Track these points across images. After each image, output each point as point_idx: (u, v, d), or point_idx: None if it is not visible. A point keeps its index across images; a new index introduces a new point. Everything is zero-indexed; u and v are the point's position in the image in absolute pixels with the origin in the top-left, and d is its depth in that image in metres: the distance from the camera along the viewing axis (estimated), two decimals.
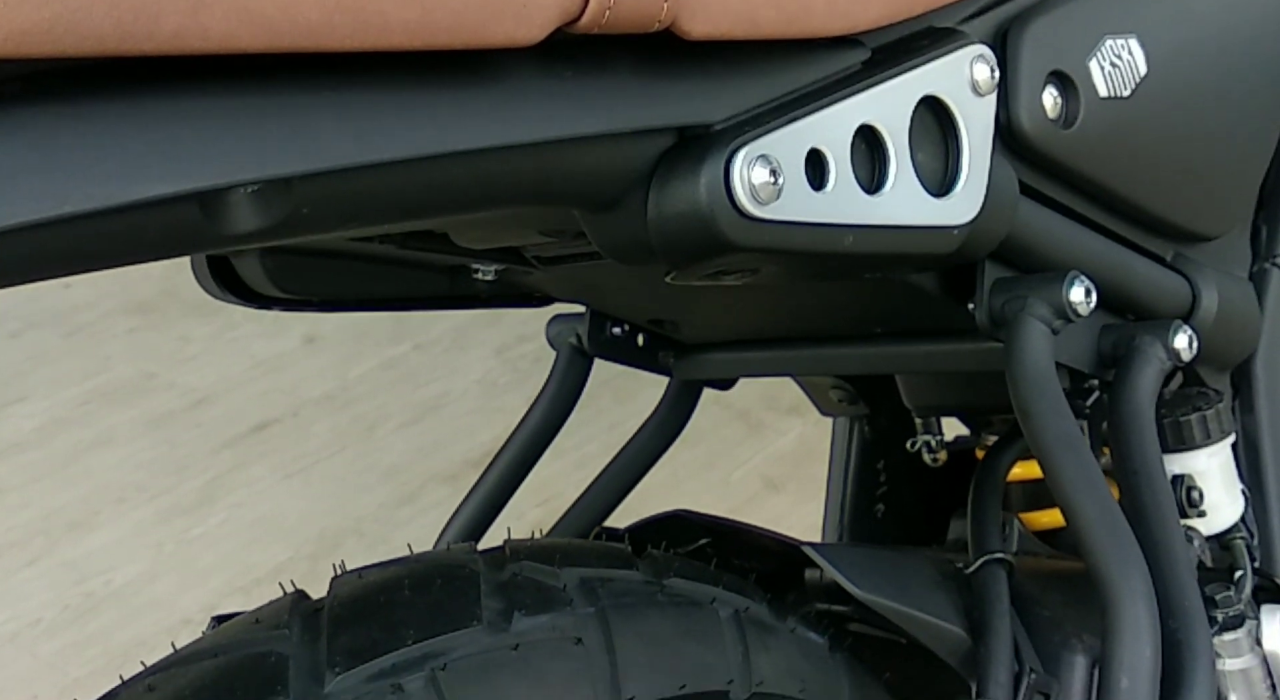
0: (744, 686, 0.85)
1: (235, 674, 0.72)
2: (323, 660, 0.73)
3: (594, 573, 0.85)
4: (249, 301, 0.96)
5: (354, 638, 0.74)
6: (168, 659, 0.76)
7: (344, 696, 0.71)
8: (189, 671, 0.73)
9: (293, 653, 0.73)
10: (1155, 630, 0.83)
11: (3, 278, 0.53)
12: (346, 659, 0.73)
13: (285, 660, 0.73)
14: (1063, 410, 0.88)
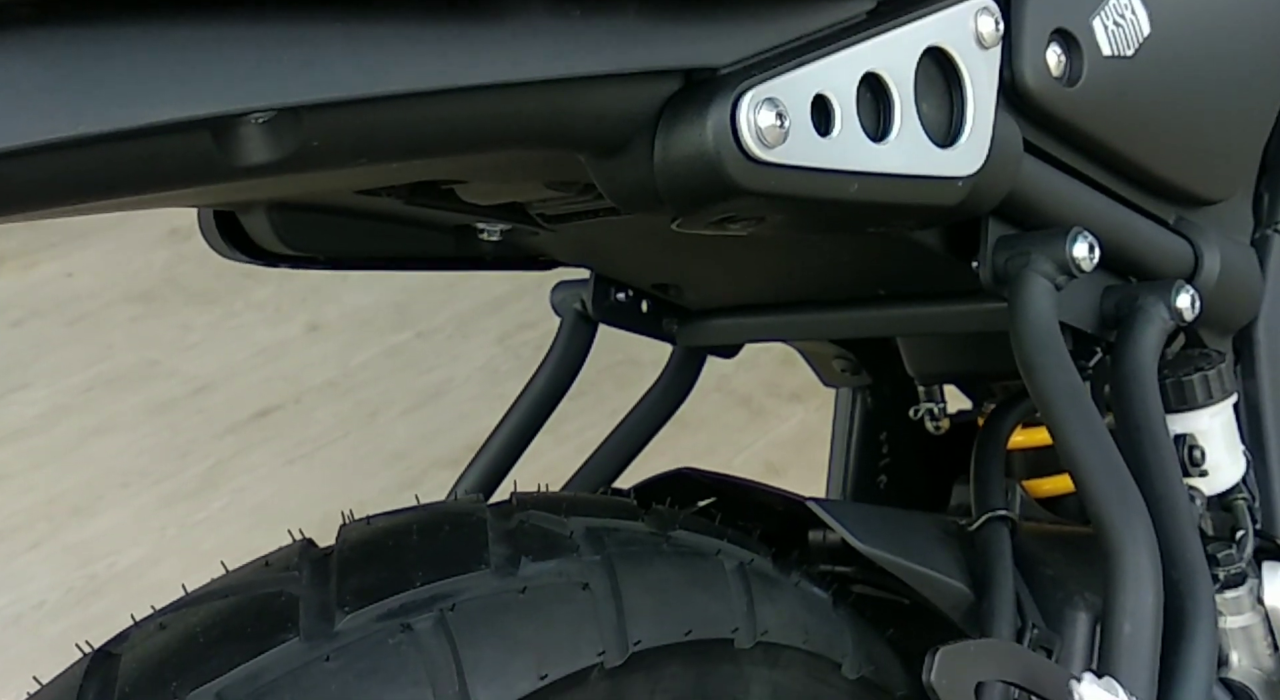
0: (749, 635, 0.85)
1: (245, 613, 0.73)
2: (332, 600, 0.73)
3: (600, 523, 0.85)
4: (256, 258, 0.97)
5: (363, 579, 0.75)
6: (178, 600, 0.76)
7: (354, 635, 0.71)
8: (200, 611, 0.74)
9: (302, 593, 0.74)
10: (1158, 578, 0.83)
11: (19, 202, 0.53)
12: (356, 599, 0.73)
13: (295, 600, 0.73)
14: (1066, 364, 0.89)
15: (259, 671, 0.69)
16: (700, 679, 0.83)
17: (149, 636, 0.73)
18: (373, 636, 0.72)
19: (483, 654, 0.73)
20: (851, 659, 0.92)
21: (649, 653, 0.80)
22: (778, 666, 0.87)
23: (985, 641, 0.85)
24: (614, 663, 0.78)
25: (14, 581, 2.55)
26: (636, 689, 0.80)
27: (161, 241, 3.98)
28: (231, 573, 0.79)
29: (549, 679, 0.75)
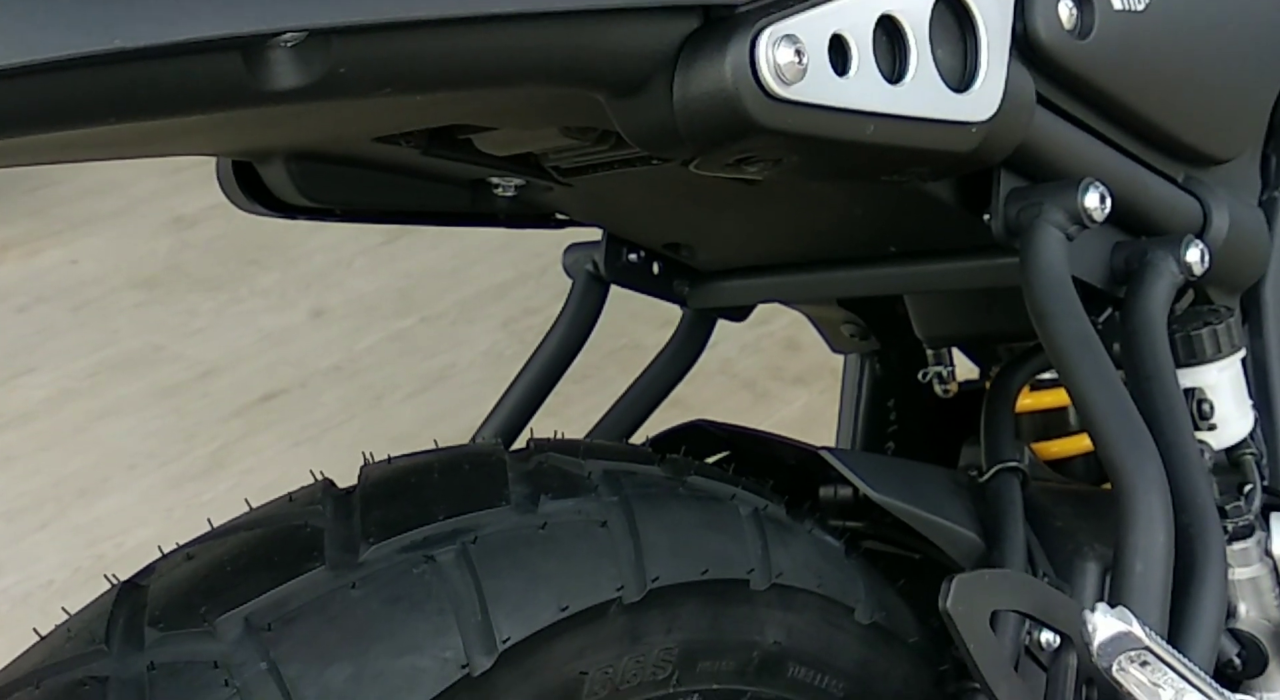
0: (764, 577, 0.86)
1: (271, 543, 0.74)
2: (356, 532, 0.74)
3: (617, 466, 0.86)
4: (274, 210, 0.97)
5: (386, 513, 0.76)
6: (204, 534, 0.77)
7: (378, 565, 0.73)
8: (226, 542, 0.75)
9: (327, 526, 0.75)
10: (1169, 519, 0.84)
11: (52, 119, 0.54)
12: (380, 531, 0.74)
13: (320, 532, 0.74)
14: (1077, 312, 0.90)
15: (286, 597, 0.70)
16: (716, 619, 0.84)
17: (176, 566, 0.74)
18: (397, 566, 0.73)
19: (504, 585, 0.74)
20: (864, 605, 0.93)
21: (666, 590, 0.81)
22: (792, 609, 0.88)
23: (1000, 572, 0.86)
24: (632, 598, 0.79)
25: (22, 561, 2.56)
26: (654, 625, 0.81)
27: (165, 229, 4.00)
28: (255, 509, 0.80)
29: (569, 610, 0.76)
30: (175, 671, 0.67)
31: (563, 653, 0.76)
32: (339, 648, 0.69)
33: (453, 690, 0.71)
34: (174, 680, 0.66)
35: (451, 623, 0.72)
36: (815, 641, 0.90)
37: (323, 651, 0.68)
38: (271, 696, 0.66)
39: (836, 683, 0.92)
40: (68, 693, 0.67)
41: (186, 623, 0.69)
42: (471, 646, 0.71)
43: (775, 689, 0.89)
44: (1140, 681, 0.74)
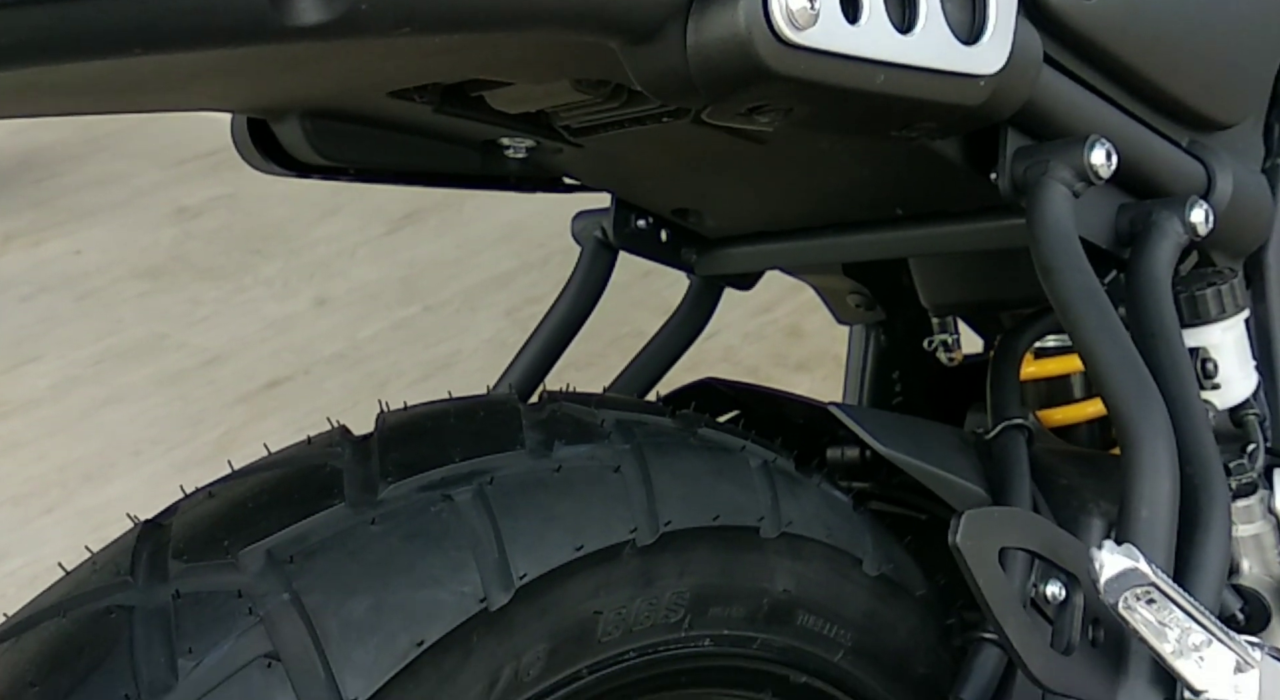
0: (773, 525, 0.87)
1: (291, 483, 0.75)
2: (375, 472, 0.76)
3: (629, 416, 0.88)
4: (289, 169, 0.98)
5: (404, 454, 0.77)
6: (225, 476, 0.79)
7: (397, 503, 0.74)
8: (246, 481, 0.76)
9: (345, 467, 0.76)
10: (1174, 467, 0.85)
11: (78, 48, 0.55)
12: (398, 471, 0.76)
13: (338, 472, 0.76)
14: (1083, 266, 0.91)
15: (307, 532, 0.72)
16: (727, 565, 0.86)
17: (198, 505, 0.76)
18: (415, 505, 0.74)
19: (521, 524, 0.75)
20: (872, 557, 0.94)
21: (678, 534, 0.82)
22: (801, 558, 0.90)
23: (1009, 510, 0.87)
24: (645, 541, 0.80)
25: (29, 544, 2.58)
26: (666, 569, 0.82)
27: (168, 219, 4.01)
28: (274, 453, 0.81)
29: (584, 550, 0.77)
30: (200, 600, 0.68)
31: (578, 592, 0.78)
32: (360, 580, 0.70)
33: (471, 623, 0.72)
34: (199, 608, 0.67)
35: (469, 559, 0.73)
36: (824, 591, 0.91)
37: (344, 583, 0.70)
38: (294, 625, 0.68)
39: (844, 632, 0.93)
40: (94, 621, 0.69)
41: (210, 555, 0.70)
42: (489, 582, 0.73)
43: (784, 636, 0.90)
44: (1147, 620, 0.75)
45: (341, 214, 3.94)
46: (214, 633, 0.67)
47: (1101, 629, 0.79)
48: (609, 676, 0.81)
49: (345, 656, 0.68)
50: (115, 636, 0.67)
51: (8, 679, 0.68)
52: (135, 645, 0.66)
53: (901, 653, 0.96)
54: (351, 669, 0.68)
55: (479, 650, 0.73)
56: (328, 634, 0.68)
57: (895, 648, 0.96)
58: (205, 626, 0.67)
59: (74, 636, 0.69)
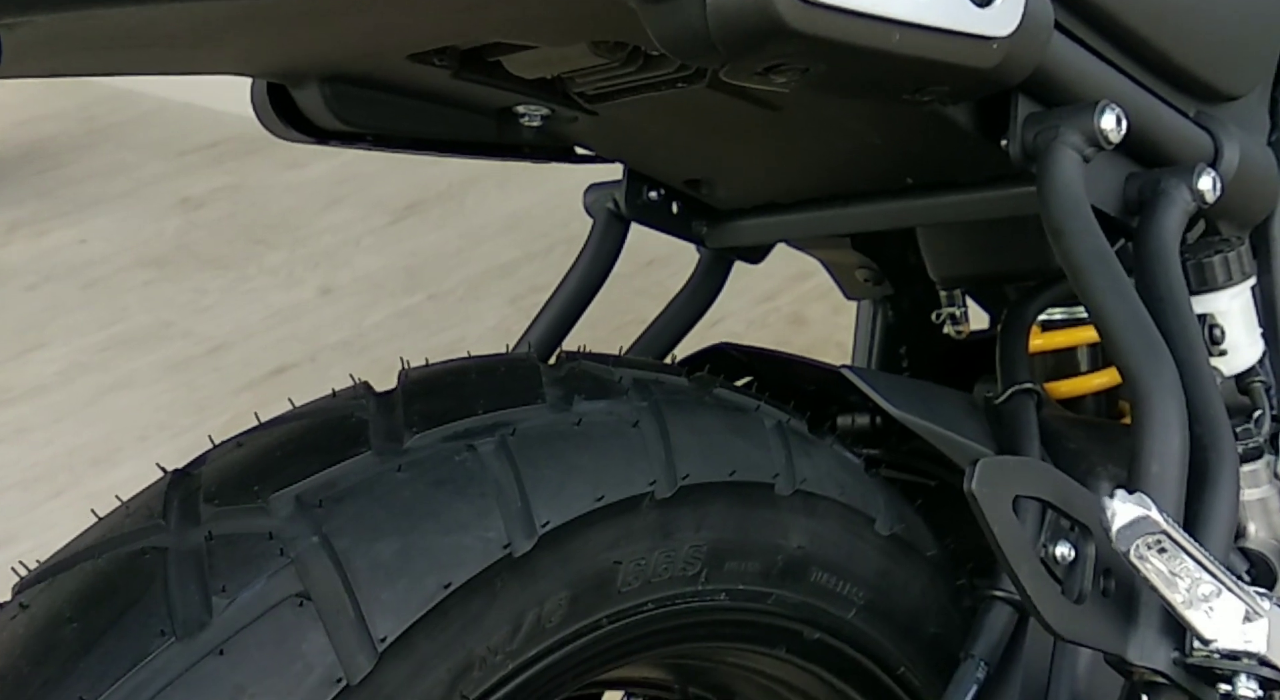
0: (788, 482, 0.89)
1: (318, 433, 0.77)
2: (400, 422, 0.77)
3: (646, 375, 0.89)
4: (308, 135, 1.00)
5: (427, 405, 0.79)
6: (252, 427, 0.80)
7: (422, 451, 0.75)
8: (274, 432, 0.78)
9: (370, 418, 0.78)
10: (1184, 423, 0.86)
11: None
12: (422, 421, 0.77)
13: (364, 423, 0.77)
14: (1093, 229, 0.92)
15: (335, 479, 0.73)
16: (742, 520, 0.87)
17: (227, 453, 0.77)
18: (440, 453, 0.75)
19: (542, 474, 0.77)
20: (884, 516, 0.95)
21: (696, 489, 0.84)
22: (815, 516, 0.91)
23: (1023, 459, 0.88)
24: (664, 494, 0.82)
25: (36, 528, 2.59)
26: (684, 522, 0.84)
27: (172, 210, 4.02)
28: (299, 406, 0.82)
29: (605, 500, 0.78)
30: (232, 542, 0.69)
31: (598, 541, 0.79)
32: (387, 524, 0.71)
33: (495, 568, 0.74)
34: (231, 550, 0.69)
35: (493, 506, 0.74)
36: (837, 549, 0.93)
37: (372, 527, 0.71)
38: (324, 566, 0.69)
39: (857, 591, 0.94)
40: (129, 561, 0.70)
41: (240, 500, 0.72)
42: (513, 528, 0.74)
43: (798, 593, 0.91)
44: (1159, 570, 0.77)
45: (344, 204, 3.95)
46: (246, 573, 0.68)
47: (1113, 580, 0.81)
48: (628, 627, 0.82)
49: (374, 597, 0.69)
50: (150, 576, 0.69)
51: (45, 616, 0.69)
52: (170, 584, 0.68)
53: (913, 612, 0.98)
54: (381, 609, 0.69)
55: (503, 595, 0.75)
56: (357, 575, 0.69)
57: (907, 607, 0.97)
58: (237, 566, 0.69)
59: (109, 576, 0.70)
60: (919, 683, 0.99)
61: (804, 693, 0.98)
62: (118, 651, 0.66)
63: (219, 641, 0.66)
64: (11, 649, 0.68)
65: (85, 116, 4.75)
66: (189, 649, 0.66)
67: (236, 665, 0.66)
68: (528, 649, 0.76)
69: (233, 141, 4.42)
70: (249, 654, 0.67)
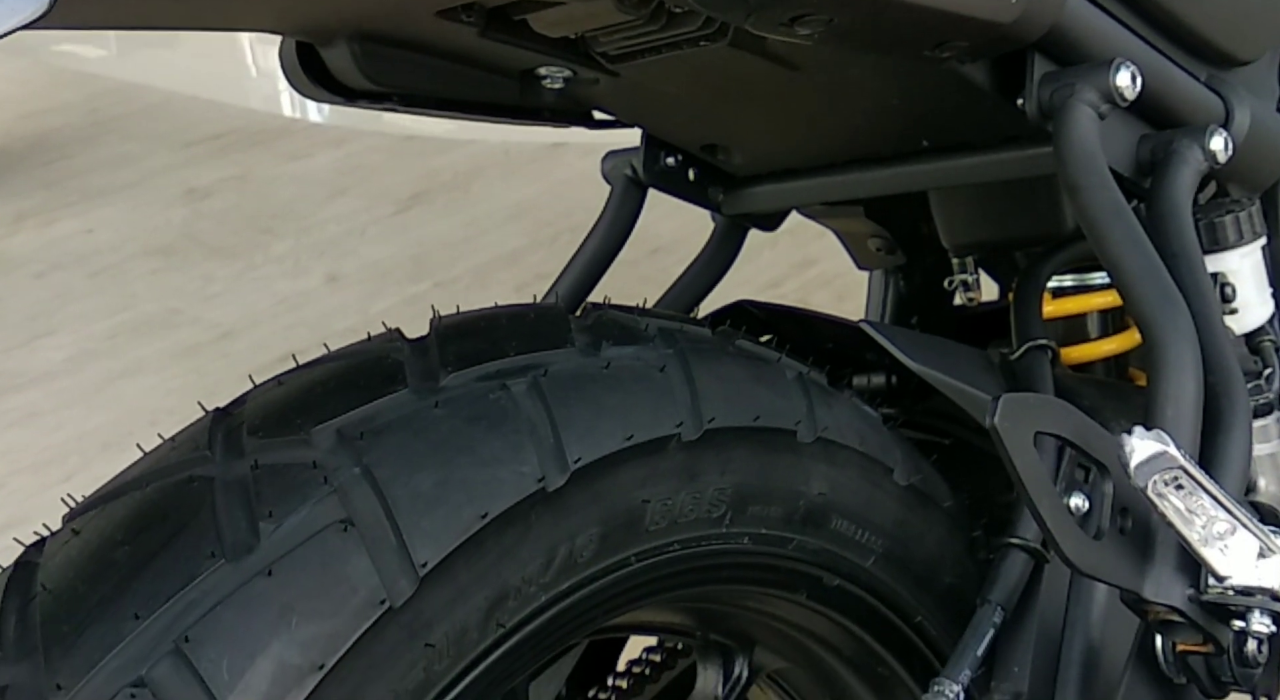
0: (809, 430, 0.91)
1: (356, 372, 0.79)
2: (435, 363, 0.79)
3: (671, 324, 0.91)
4: (336, 95, 1.02)
5: (461, 348, 0.81)
6: (291, 369, 0.82)
7: (457, 390, 0.77)
8: (313, 371, 0.80)
9: (406, 359, 0.80)
10: (1198, 369, 0.88)
11: None
12: (457, 362, 0.79)
13: (400, 363, 0.79)
14: (1109, 183, 0.94)
15: (374, 414, 0.75)
16: (765, 466, 0.89)
17: (268, 392, 0.80)
18: (474, 392, 0.78)
19: (574, 413, 0.79)
20: (902, 467, 0.97)
21: (721, 432, 0.86)
22: (835, 464, 0.93)
23: (1045, 397, 0.90)
24: (690, 436, 0.84)
25: (47, 511, 2.58)
26: (709, 465, 0.86)
27: (178, 200, 4.04)
28: (333, 351, 0.84)
29: (634, 440, 0.80)
30: (276, 471, 0.71)
31: (628, 480, 0.81)
32: (426, 457, 0.74)
33: (529, 501, 0.76)
34: (276, 478, 0.71)
35: (527, 442, 0.76)
36: (856, 497, 0.95)
37: (411, 459, 0.73)
38: (365, 495, 0.71)
39: (875, 539, 0.96)
40: (177, 489, 0.72)
41: (283, 432, 0.74)
42: (546, 464, 0.76)
43: (819, 539, 0.93)
44: (1177, 508, 0.78)
45: (349, 195, 3.97)
46: (291, 500, 0.71)
47: (1129, 519, 0.83)
48: (655, 566, 0.84)
49: (415, 524, 0.71)
50: (198, 503, 0.71)
51: (98, 540, 0.71)
52: (218, 510, 0.70)
53: (929, 562, 1.00)
54: (421, 536, 0.71)
55: (537, 528, 0.77)
56: (398, 503, 0.71)
57: (923, 557, 0.99)
58: (283, 494, 0.71)
59: (158, 503, 0.72)
60: (935, 632, 1.01)
61: (823, 640, 1.00)
62: (169, 572, 0.68)
63: (267, 563, 0.68)
64: (66, 570, 0.71)
65: (90, 109, 4.77)
66: (238, 570, 0.68)
67: (284, 586, 0.68)
68: (560, 582, 0.79)
69: (237, 133, 4.44)
70: (296, 575, 0.69)
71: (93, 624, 0.67)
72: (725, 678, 0.99)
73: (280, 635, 0.67)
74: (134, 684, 0.65)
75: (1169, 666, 0.90)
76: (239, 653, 0.66)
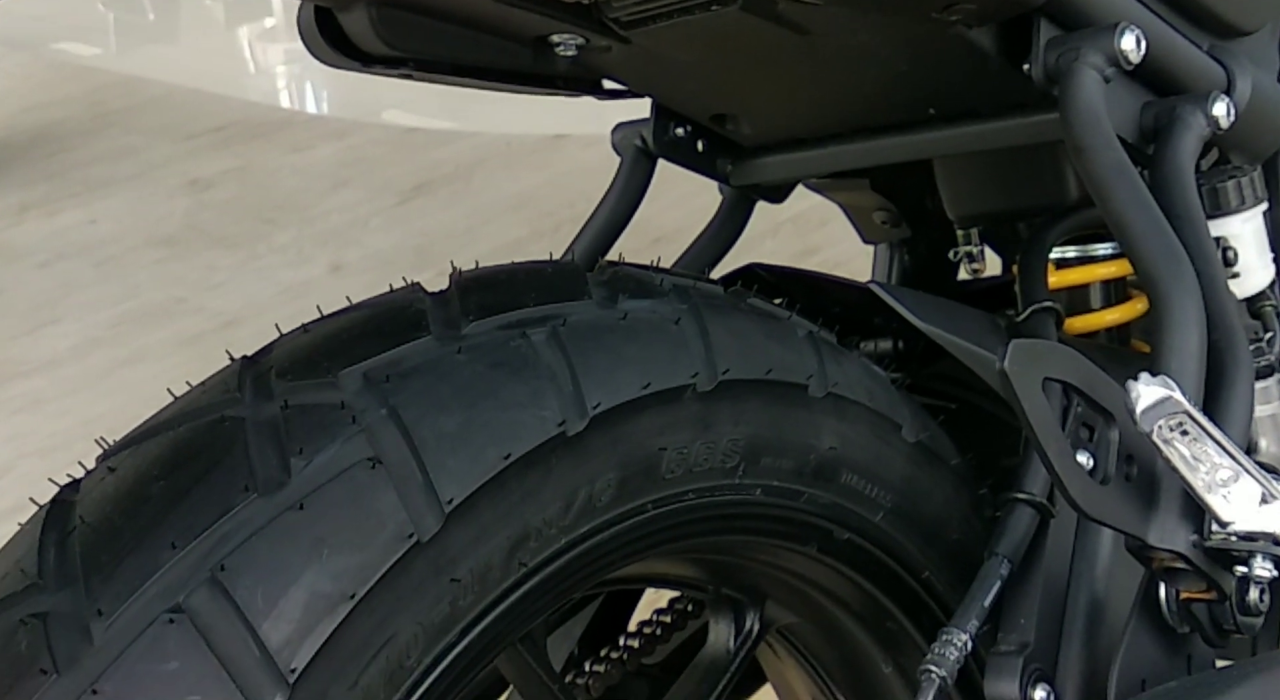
0: (820, 385, 0.93)
1: (380, 320, 0.81)
2: (457, 312, 0.81)
3: (685, 282, 0.93)
4: (353, 60, 1.03)
5: (482, 299, 0.83)
6: (316, 318, 0.84)
7: (479, 337, 0.80)
8: (339, 320, 0.82)
9: (429, 308, 0.82)
10: (1202, 321, 0.90)
11: None
12: (478, 311, 0.82)
13: (423, 312, 0.81)
14: (1113, 143, 0.96)
15: (399, 359, 0.77)
16: (778, 419, 0.91)
17: (294, 339, 0.82)
18: (496, 340, 0.80)
19: (592, 361, 0.81)
20: (910, 424, 0.99)
21: (735, 384, 0.88)
22: (845, 419, 0.95)
23: (1054, 344, 0.92)
24: (705, 387, 0.86)
25: None
26: (723, 416, 0.88)
27: (181, 190, 4.06)
28: (356, 302, 0.86)
29: (651, 388, 0.83)
30: (305, 411, 0.74)
31: (645, 427, 0.83)
32: (450, 400, 0.76)
33: (550, 445, 0.78)
34: (305, 418, 0.73)
35: (548, 388, 0.78)
36: (866, 452, 0.97)
37: (435, 402, 0.75)
38: (392, 435, 0.73)
39: (884, 494, 0.98)
40: (209, 429, 0.74)
41: (311, 375, 0.76)
42: (566, 408, 0.79)
43: (829, 493, 0.95)
44: (1181, 454, 0.80)
45: (351, 186, 3.99)
46: (320, 438, 0.73)
47: (1134, 466, 0.84)
48: (670, 514, 0.86)
49: (441, 463, 0.74)
50: (230, 441, 0.73)
51: (133, 476, 0.73)
52: (249, 448, 0.72)
53: (936, 518, 1.02)
54: (446, 474, 0.74)
55: (557, 471, 0.79)
56: (424, 443, 0.74)
57: (931, 513, 1.01)
58: (312, 432, 0.73)
59: (191, 442, 0.74)
60: (942, 588, 1.03)
61: (832, 594, 1.02)
62: (204, 505, 0.70)
63: (298, 497, 0.71)
64: (103, 504, 0.73)
65: (92, 102, 4.78)
66: (270, 504, 0.70)
67: (316, 519, 0.71)
68: (579, 525, 0.81)
69: (238, 126, 4.45)
70: (327, 509, 0.71)
71: (131, 554, 0.69)
72: (737, 632, 1.01)
73: (312, 565, 0.69)
74: (172, 609, 0.67)
75: (1172, 615, 0.92)
76: (273, 581, 0.69)
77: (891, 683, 1.07)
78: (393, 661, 0.72)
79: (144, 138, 4.50)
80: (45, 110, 4.74)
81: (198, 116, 4.53)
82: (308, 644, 0.69)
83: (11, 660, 0.67)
